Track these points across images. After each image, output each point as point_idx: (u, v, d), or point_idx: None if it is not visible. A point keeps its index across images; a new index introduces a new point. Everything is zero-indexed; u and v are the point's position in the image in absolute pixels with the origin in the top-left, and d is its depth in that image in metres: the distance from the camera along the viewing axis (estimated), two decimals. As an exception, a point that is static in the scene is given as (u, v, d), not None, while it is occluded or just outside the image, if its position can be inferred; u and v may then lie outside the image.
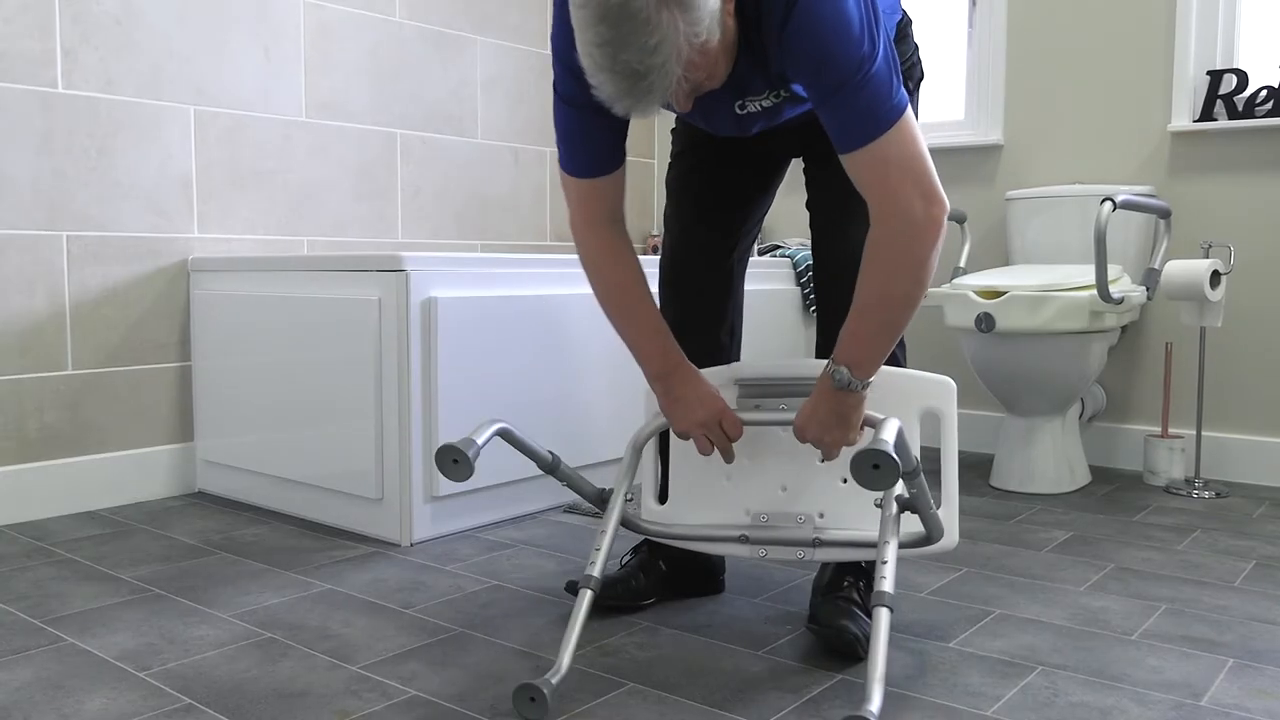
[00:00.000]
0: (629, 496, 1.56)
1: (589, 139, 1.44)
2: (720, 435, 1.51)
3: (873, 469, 1.14)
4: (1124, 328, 2.84)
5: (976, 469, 2.87)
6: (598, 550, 1.47)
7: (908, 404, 1.52)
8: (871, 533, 1.51)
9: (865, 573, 1.63)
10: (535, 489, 2.36)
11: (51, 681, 1.43)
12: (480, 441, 1.38)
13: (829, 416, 1.41)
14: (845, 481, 1.56)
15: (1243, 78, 2.63)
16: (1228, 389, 2.72)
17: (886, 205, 1.29)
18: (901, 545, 1.49)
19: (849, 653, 1.48)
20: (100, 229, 2.39)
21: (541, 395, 2.32)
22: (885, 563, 1.33)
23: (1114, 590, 1.82)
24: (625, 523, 1.63)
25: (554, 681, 1.32)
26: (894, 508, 1.38)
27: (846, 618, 1.51)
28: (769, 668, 1.47)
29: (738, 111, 1.46)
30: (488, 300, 2.19)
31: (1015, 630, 1.62)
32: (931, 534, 1.44)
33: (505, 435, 1.46)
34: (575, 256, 2.40)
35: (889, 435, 1.18)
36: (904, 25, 1.60)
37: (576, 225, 1.53)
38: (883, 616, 1.28)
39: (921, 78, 1.67)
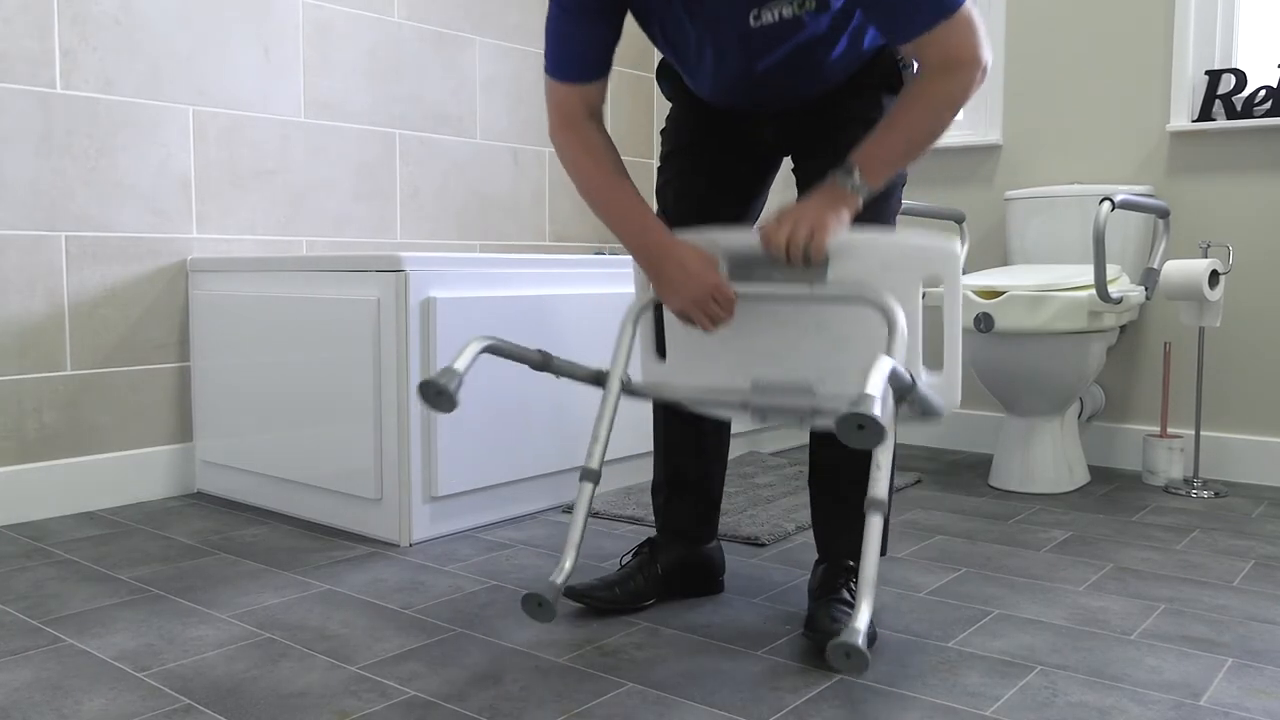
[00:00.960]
0: (624, 380, 1.55)
1: (580, 44, 1.51)
2: (715, 309, 1.49)
3: (858, 429, 1.12)
4: (1123, 328, 2.84)
5: (976, 469, 2.87)
6: (596, 441, 1.48)
7: (908, 271, 1.45)
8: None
9: (856, 572, 1.63)
10: (535, 489, 2.36)
11: (50, 682, 1.43)
12: (463, 369, 1.36)
13: (817, 204, 1.42)
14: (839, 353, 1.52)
15: (1241, 78, 2.63)
16: (1227, 389, 2.72)
17: (953, 63, 1.36)
18: (901, 420, 1.45)
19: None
20: (99, 229, 2.39)
21: (541, 395, 2.32)
22: (879, 467, 1.28)
23: (1113, 590, 1.83)
24: (627, 390, 1.61)
25: (558, 582, 1.37)
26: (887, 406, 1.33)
27: (837, 620, 1.51)
28: (769, 668, 1.47)
29: (751, 23, 1.45)
30: (487, 300, 2.19)
31: (1014, 630, 1.63)
32: (929, 414, 1.41)
33: (492, 350, 1.44)
34: (574, 257, 2.40)
35: (876, 388, 1.15)
36: None
37: (555, 128, 1.57)
38: (874, 524, 1.25)
39: None
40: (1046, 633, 1.62)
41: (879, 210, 1.59)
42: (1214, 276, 2.49)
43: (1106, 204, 2.26)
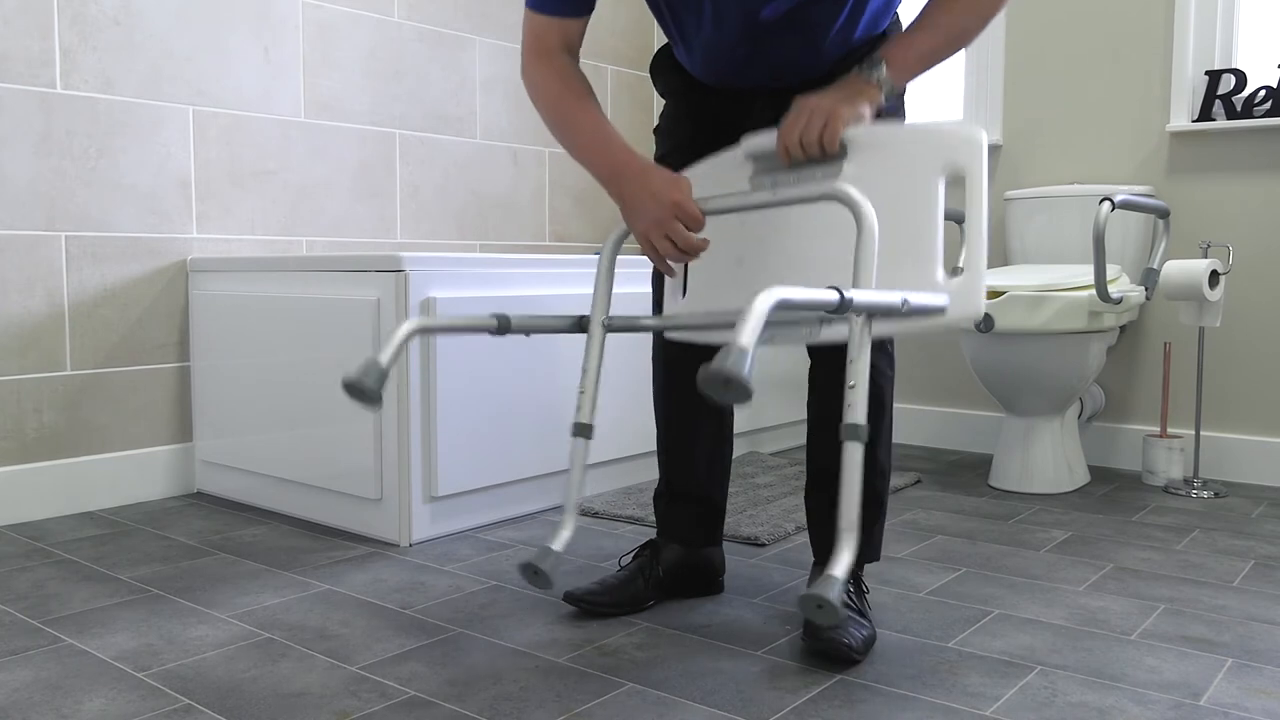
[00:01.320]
0: (606, 322, 1.46)
1: None
2: (679, 229, 1.38)
3: (723, 385, 0.98)
4: (1123, 328, 2.84)
5: (975, 469, 2.87)
6: (583, 393, 1.45)
7: (927, 160, 1.33)
8: (889, 298, 1.23)
9: (854, 574, 1.63)
10: (535, 489, 2.36)
11: (50, 682, 1.43)
12: (385, 362, 1.25)
13: (834, 95, 1.35)
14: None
15: (1241, 78, 2.63)
16: (1227, 389, 2.72)
17: None
18: (915, 313, 1.28)
19: (844, 660, 1.48)
20: (99, 229, 2.39)
21: (540, 395, 2.32)
22: (853, 387, 1.18)
23: (1113, 590, 1.83)
24: (611, 329, 1.48)
25: (555, 548, 1.36)
26: (861, 321, 1.21)
27: (842, 629, 1.50)
28: (769, 668, 1.47)
29: None
30: (487, 300, 2.19)
31: (1014, 630, 1.63)
32: (931, 316, 1.28)
33: (425, 330, 1.30)
34: (573, 257, 2.40)
35: (747, 338, 0.99)
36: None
37: (528, 60, 1.53)
38: (853, 453, 1.16)
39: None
40: (1046, 633, 1.62)
41: None
42: (1214, 276, 2.49)
43: (1106, 204, 2.26)
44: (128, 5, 2.41)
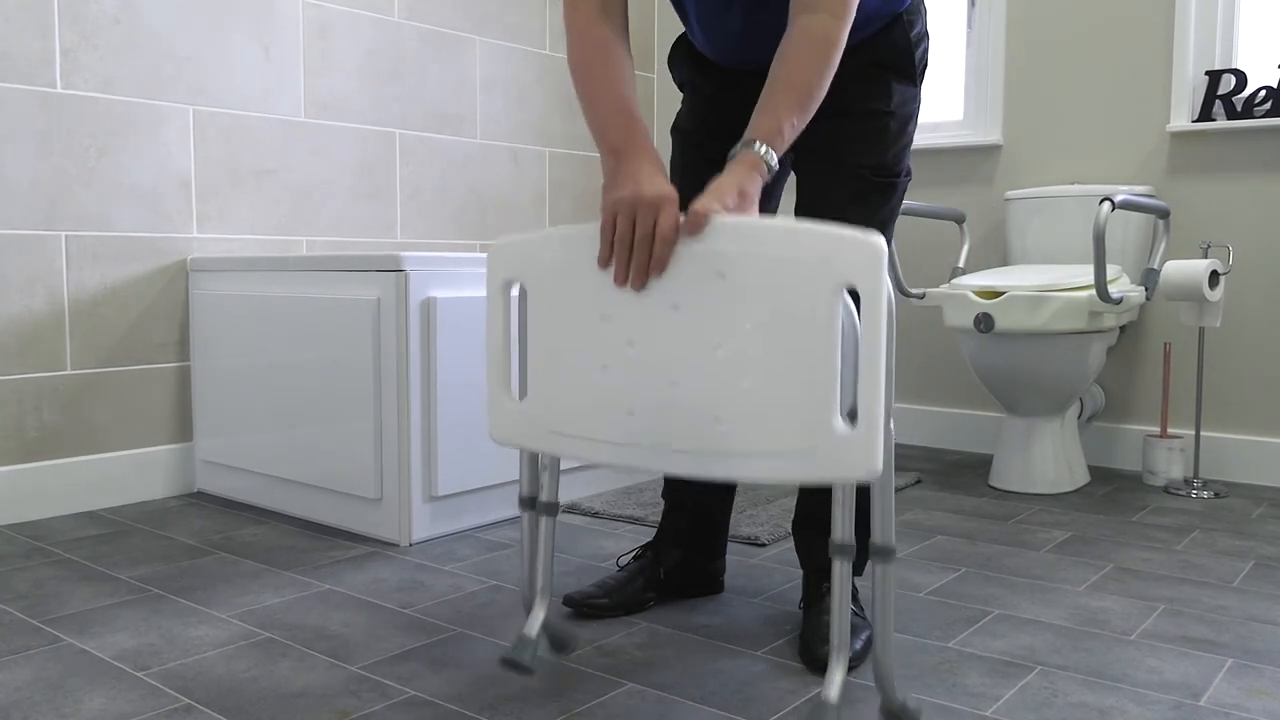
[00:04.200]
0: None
1: None
2: (647, 223, 1.16)
3: None
4: (1123, 328, 2.84)
5: (976, 469, 2.87)
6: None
7: (820, 273, 1.08)
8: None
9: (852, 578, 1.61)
10: (534, 489, 2.36)
11: (50, 682, 1.43)
12: (534, 635, 1.31)
13: (730, 187, 1.23)
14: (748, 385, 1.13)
15: (1241, 78, 2.63)
16: (1227, 389, 2.72)
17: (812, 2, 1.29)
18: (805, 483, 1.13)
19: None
20: (99, 229, 2.39)
21: (541, 395, 2.32)
22: (839, 505, 1.16)
23: (1113, 590, 1.82)
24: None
25: (530, 635, 1.30)
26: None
27: (827, 641, 1.47)
28: (769, 668, 1.47)
29: None
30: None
31: (1014, 630, 1.63)
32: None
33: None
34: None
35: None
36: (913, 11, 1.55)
37: (570, 18, 1.43)
38: (841, 570, 1.16)
39: (926, 67, 1.60)
40: (1046, 633, 1.61)
41: (875, 206, 1.53)
42: (1214, 277, 2.49)
43: (1107, 204, 2.26)
44: (128, 5, 2.41)
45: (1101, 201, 2.27)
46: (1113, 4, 2.82)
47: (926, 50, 1.57)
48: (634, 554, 1.78)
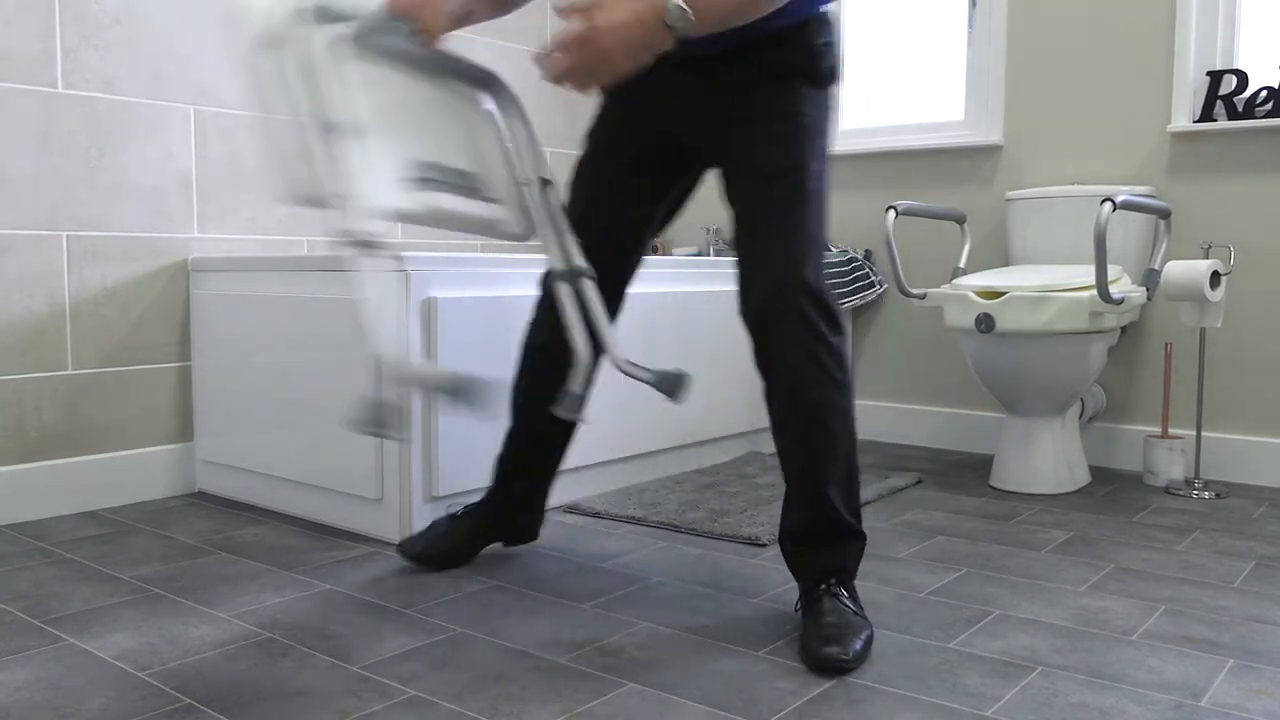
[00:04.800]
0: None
1: None
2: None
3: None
4: (1124, 328, 2.84)
5: (976, 469, 2.87)
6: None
7: None
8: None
9: (838, 579, 1.60)
10: (535, 489, 2.36)
11: (51, 682, 1.43)
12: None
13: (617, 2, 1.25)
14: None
15: (1243, 78, 2.63)
16: (1227, 389, 2.72)
17: None
18: None
19: (842, 671, 1.46)
20: (100, 229, 2.39)
21: (541, 395, 2.32)
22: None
23: (1113, 591, 1.82)
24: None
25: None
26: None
27: (827, 642, 1.47)
28: (769, 668, 1.47)
29: None
30: (488, 300, 2.19)
31: (1015, 630, 1.63)
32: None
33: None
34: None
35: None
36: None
37: None
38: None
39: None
40: (1047, 633, 1.61)
41: (795, 192, 1.54)
42: (1215, 277, 2.49)
43: (1108, 205, 2.26)
44: (129, 5, 2.41)
45: (1103, 202, 2.27)
46: (1114, 4, 2.82)
47: (836, 60, 1.60)
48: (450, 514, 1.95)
